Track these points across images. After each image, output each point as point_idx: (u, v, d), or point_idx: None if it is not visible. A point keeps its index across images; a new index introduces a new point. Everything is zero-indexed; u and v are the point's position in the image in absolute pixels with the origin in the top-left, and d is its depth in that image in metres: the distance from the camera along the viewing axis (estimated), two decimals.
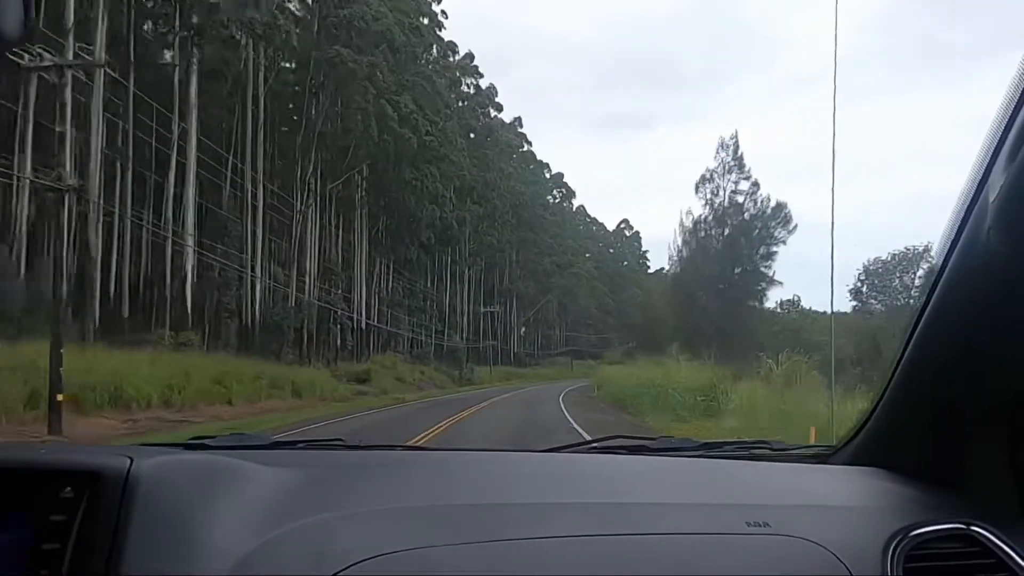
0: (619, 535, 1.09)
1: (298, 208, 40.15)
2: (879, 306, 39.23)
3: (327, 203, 45.04)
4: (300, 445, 1.53)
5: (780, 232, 36.37)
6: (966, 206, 1.13)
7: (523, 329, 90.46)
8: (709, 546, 1.11)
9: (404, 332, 57.97)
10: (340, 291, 46.59)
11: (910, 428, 1.40)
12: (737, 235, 36.09)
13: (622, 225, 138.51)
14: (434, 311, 63.83)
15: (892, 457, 1.43)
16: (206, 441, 1.44)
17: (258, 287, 37.08)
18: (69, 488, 0.95)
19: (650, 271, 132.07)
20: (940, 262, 1.23)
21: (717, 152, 37.67)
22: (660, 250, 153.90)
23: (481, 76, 74.08)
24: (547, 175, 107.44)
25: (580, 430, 17.01)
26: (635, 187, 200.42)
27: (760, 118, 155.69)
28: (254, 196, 37.26)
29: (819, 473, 1.53)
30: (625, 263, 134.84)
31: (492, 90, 75.61)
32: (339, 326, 45.06)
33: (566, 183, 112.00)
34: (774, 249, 37.05)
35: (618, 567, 1.04)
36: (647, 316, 77.26)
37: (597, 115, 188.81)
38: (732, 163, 37.06)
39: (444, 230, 58.64)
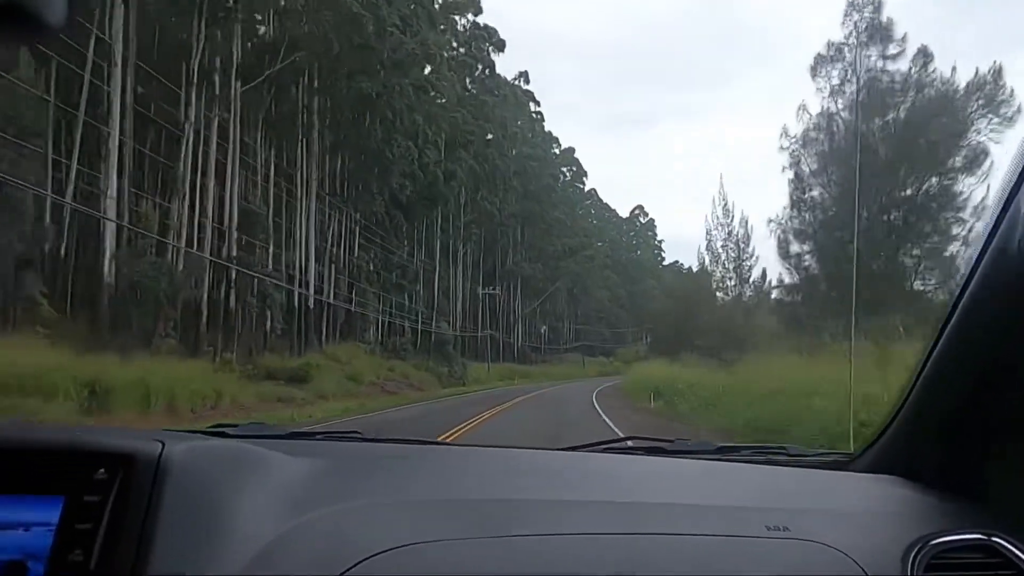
0: (638, 534, 1.06)
1: (189, 112, 25.27)
2: None
3: (250, 121, 30.14)
4: (318, 436, 1.50)
5: (988, 122, 19.61)
6: (997, 212, 1.11)
7: (542, 324, 75.52)
8: (728, 548, 1.07)
9: (375, 315, 43.03)
10: (271, 250, 31.70)
11: (931, 436, 1.34)
12: (901, 136, 19.60)
13: (636, 212, 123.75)
14: (417, 290, 48.84)
15: (912, 465, 1.37)
16: (226, 430, 1.41)
17: (108, 229, 22.25)
18: (103, 470, 0.93)
19: (664, 263, 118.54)
20: (969, 268, 1.18)
21: (846, 16, 22.02)
22: (669, 246, 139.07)
23: (480, 12, 59.26)
24: (556, 150, 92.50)
25: None
26: (639, 186, 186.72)
27: (767, 117, 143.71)
28: (117, 82, 22.44)
29: (838, 479, 1.45)
30: (639, 252, 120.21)
31: (492, 31, 60.63)
32: (265, 301, 30.13)
33: (577, 159, 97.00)
34: (977, 154, 19.63)
35: (637, 566, 1.01)
36: (676, 308, 61.87)
37: (601, 113, 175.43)
38: (872, 30, 21.51)
39: (429, 185, 43.69)
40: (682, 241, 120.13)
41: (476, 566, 0.96)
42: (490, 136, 56.59)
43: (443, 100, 47.46)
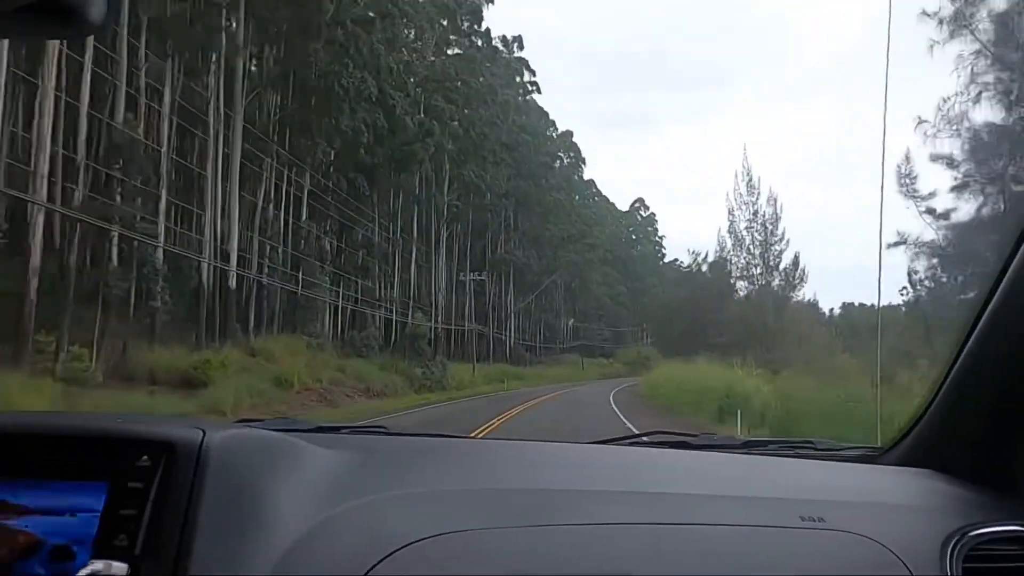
0: (671, 524, 1.04)
1: None
2: None
3: (133, 14, 20.83)
4: (344, 430, 1.47)
5: None
6: None
7: (537, 321, 66.26)
8: (764, 538, 1.05)
9: (332, 302, 33.77)
10: (164, 200, 22.37)
11: (964, 430, 1.32)
12: None
13: (636, 205, 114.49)
14: (389, 275, 39.61)
15: (944, 458, 1.34)
16: (253, 424, 1.37)
17: None
18: (146, 457, 0.94)
19: (665, 260, 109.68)
20: (1003, 260, 1.15)
21: None
22: (669, 244, 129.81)
23: None
24: (553, 134, 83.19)
25: None
26: (639, 186, 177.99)
27: (769, 119, 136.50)
28: None
29: (869, 472, 1.42)
30: (639, 247, 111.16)
31: None
32: (139, 269, 20.83)
33: (575, 144, 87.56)
34: None
35: (672, 557, 0.99)
36: (689, 303, 52.79)
37: (597, 113, 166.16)
38: None
39: (400, 144, 34.53)
40: (684, 241, 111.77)
41: (507, 555, 0.95)
42: (476, 95, 47.47)
43: (416, 42, 38.35)
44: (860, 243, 56.54)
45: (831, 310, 55.14)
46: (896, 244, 16.04)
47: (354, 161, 32.17)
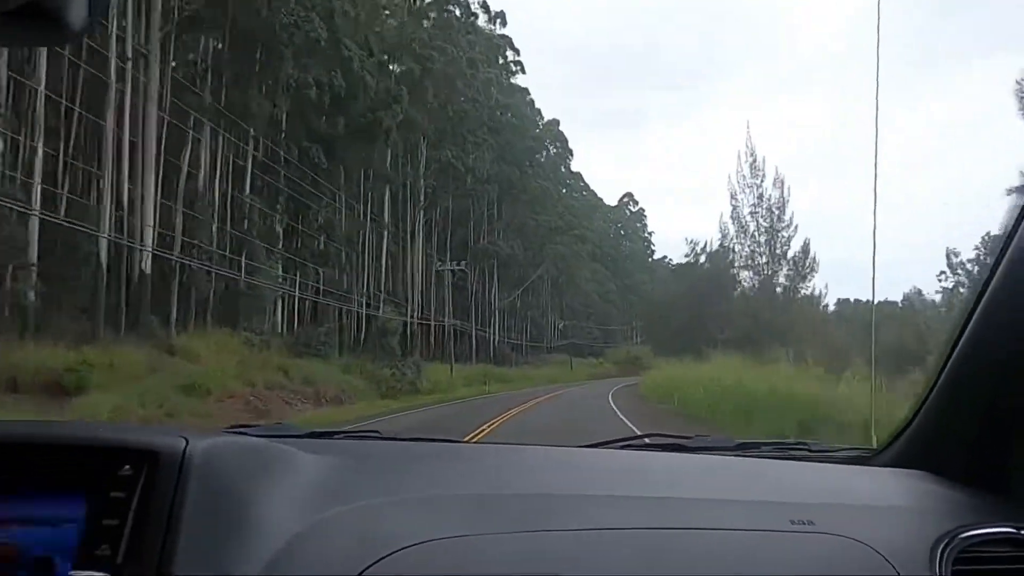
0: (664, 529, 1.04)
1: None
2: None
3: None
4: (337, 436, 1.44)
5: None
6: (1022, 205, 1.09)
7: (523, 318, 61.32)
8: (754, 542, 1.05)
9: (285, 290, 28.73)
10: (36, 147, 17.29)
11: (957, 431, 1.31)
12: None
13: (625, 199, 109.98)
14: (353, 263, 34.62)
15: (937, 460, 1.32)
16: (245, 430, 1.34)
17: None
18: (128, 466, 0.92)
19: (653, 257, 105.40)
20: (994, 260, 1.14)
21: None
22: (659, 241, 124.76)
23: None
24: (539, 123, 78.34)
25: None
26: (627, 186, 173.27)
27: (763, 113, 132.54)
28: None
29: (861, 474, 1.40)
30: (628, 243, 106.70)
31: None
32: (1, 244, 15.76)
33: (562, 133, 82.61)
34: None
35: (664, 561, 0.99)
36: (688, 297, 48.03)
37: (590, 107, 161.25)
38: None
39: (365, 111, 29.57)
40: (676, 240, 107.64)
41: (501, 560, 0.94)
42: (455, 69, 42.56)
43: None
44: (855, 238, 52.39)
45: (825, 306, 51.81)
46: (1021, 188, 11.23)
47: (308, 127, 27.15)
